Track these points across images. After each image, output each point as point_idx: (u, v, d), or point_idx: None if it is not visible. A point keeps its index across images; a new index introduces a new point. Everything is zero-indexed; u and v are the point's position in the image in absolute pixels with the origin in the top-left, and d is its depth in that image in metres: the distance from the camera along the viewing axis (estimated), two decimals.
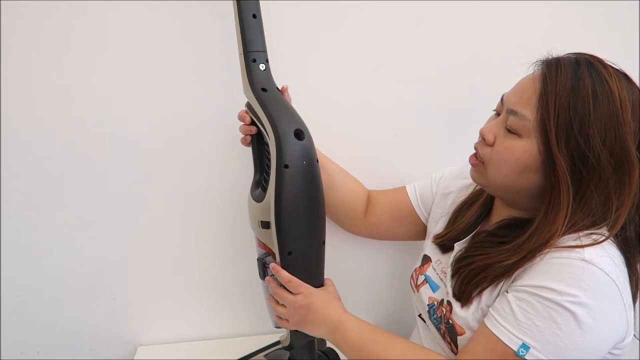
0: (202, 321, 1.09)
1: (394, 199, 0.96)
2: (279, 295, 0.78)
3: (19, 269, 0.99)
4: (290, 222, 0.73)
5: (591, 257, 0.61)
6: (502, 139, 0.68)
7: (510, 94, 0.70)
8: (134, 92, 0.92)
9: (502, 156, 0.68)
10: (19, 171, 0.93)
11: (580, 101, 0.62)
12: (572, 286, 0.59)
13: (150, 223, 1.00)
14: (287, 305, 0.77)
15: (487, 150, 0.70)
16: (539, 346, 0.60)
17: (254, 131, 0.81)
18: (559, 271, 0.61)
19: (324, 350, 0.96)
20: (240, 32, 0.76)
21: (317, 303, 0.76)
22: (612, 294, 0.61)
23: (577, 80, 0.62)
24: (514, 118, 0.66)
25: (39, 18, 0.86)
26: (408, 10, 0.95)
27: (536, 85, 0.65)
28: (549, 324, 0.60)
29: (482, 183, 0.74)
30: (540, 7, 0.98)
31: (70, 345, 1.06)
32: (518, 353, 0.60)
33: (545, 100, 0.63)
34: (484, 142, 0.71)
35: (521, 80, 0.70)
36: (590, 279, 0.60)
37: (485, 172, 0.71)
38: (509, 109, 0.68)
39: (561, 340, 0.59)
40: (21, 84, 0.89)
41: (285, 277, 0.76)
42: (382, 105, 1.00)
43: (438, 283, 0.82)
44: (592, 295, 0.59)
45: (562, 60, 0.65)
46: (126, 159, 0.96)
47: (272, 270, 0.77)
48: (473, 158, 0.73)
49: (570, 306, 0.59)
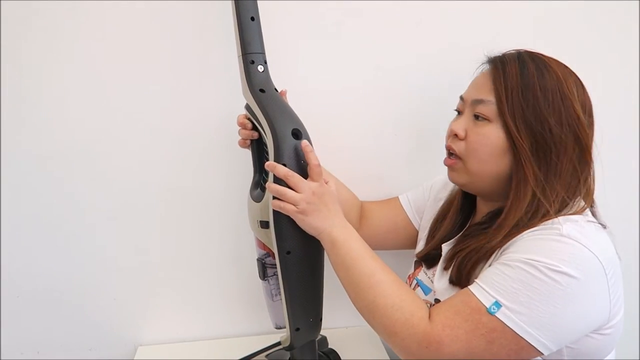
0: (202, 321, 1.09)
1: (389, 212, 0.97)
2: (293, 180, 0.71)
3: (19, 269, 0.99)
4: (289, 221, 0.73)
5: (568, 232, 0.63)
6: (473, 129, 0.73)
7: (469, 90, 0.76)
8: (133, 92, 0.93)
9: (479, 143, 0.71)
10: (19, 171, 0.94)
11: (528, 82, 0.68)
12: (551, 257, 0.61)
13: (150, 223, 1.00)
14: (302, 190, 0.70)
15: (461, 144, 0.74)
16: (511, 306, 0.60)
17: (255, 136, 0.81)
18: (539, 245, 0.64)
19: (325, 351, 0.96)
20: (238, 34, 0.76)
21: (330, 198, 0.73)
22: (592, 267, 0.61)
23: (523, 66, 0.69)
24: (482, 106, 0.71)
25: (39, 18, 0.86)
26: (408, 10, 0.95)
27: (488, 77, 0.72)
28: (525, 287, 0.60)
29: (463, 181, 0.75)
30: (541, 9, 0.98)
31: (70, 345, 1.06)
32: (489, 310, 0.61)
33: (498, 86, 0.70)
34: (456, 138, 0.74)
35: (475, 78, 0.76)
36: (570, 251, 0.61)
37: (465, 166, 0.74)
38: (474, 99, 0.73)
39: (534, 304, 0.60)
40: (21, 84, 0.89)
41: (282, 171, 0.71)
42: (382, 105, 1.00)
43: (429, 286, 0.82)
44: (571, 266, 0.60)
45: (506, 55, 0.73)
46: (126, 159, 0.96)
47: (268, 167, 0.73)
48: (448, 159, 0.76)
49: (549, 272, 0.60)
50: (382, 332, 0.68)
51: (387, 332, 0.66)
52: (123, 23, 0.89)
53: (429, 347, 0.63)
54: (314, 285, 0.80)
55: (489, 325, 0.61)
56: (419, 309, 0.66)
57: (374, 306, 0.67)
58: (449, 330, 0.62)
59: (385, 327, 0.66)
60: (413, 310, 0.65)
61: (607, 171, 0.75)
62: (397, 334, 0.65)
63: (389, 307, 0.66)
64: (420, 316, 0.65)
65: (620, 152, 0.99)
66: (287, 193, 0.70)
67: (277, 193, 0.71)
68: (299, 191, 0.70)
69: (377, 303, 0.67)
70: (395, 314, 0.65)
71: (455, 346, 0.62)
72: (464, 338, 0.62)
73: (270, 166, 0.72)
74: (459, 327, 0.62)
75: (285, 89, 0.84)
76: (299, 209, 0.70)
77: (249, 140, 0.82)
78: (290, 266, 0.76)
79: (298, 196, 0.70)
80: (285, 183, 0.71)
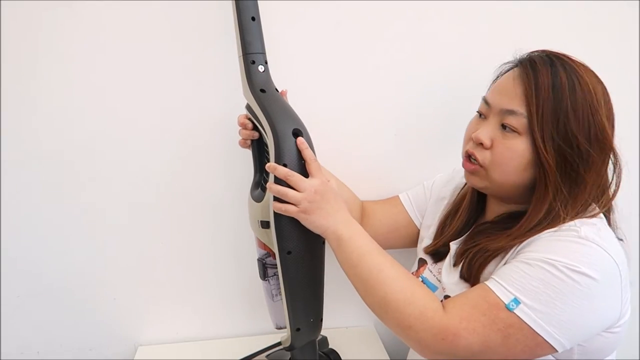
0: (202, 321, 1.09)
1: (390, 212, 0.96)
2: (293, 179, 0.70)
3: (19, 269, 0.99)
4: (289, 221, 0.73)
5: (586, 234, 0.64)
6: (501, 140, 0.70)
7: (496, 95, 0.72)
8: (133, 92, 0.92)
9: (506, 157, 0.69)
10: (19, 171, 0.94)
11: (561, 97, 0.66)
12: (570, 258, 0.61)
13: (151, 223, 1.00)
14: (304, 189, 0.70)
15: (486, 153, 0.71)
16: (530, 303, 0.61)
17: (255, 136, 0.81)
18: (558, 246, 0.64)
19: (325, 351, 0.96)
20: (239, 34, 0.76)
21: (332, 195, 0.73)
22: (609, 269, 0.62)
23: (555, 76, 0.66)
24: (512, 117, 0.68)
25: (39, 18, 0.86)
26: (408, 10, 0.95)
27: (519, 85, 0.69)
28: (544, 285, 0.61)
29: (483, 185, 0.74)
30: (540, 9, 0.98)
31: (70, 345, 1.06)
32: (508, 306, 0.61)
33: (529, 99, 0.67)
34: (479, 145, 0.72)
35: (502, 81, 0.73)
36: (588, 253, 0.62)
37: (487, 174, 0.72)
38: (504, 109, 0.69)
39: (553, 303, 0.60)
40: (21, 84, 0.89)
41: (282, 172, 0.70)
42: (382, 105, 1.00)
43: (435, 284, 0.82)
44: (590, 267, 0.60)
45: (536, 60, 0.69)
46: (126, 159, 0.96)
47: (269, 169, 0.72)
48: (469, 164, 0.74)
49: (569, 272, 0.60)
50: (395, 327, 0.67)
51: (401, 327, 0.66)
52: (123, 23, 0.89)
53: (445, 339, 0.62)
54: (315, 285, 0.80)
55: (507, 321, 0.61)
56: (432, 302, 0.65)
57: (386, 302, 0.66)
58: (466, 323, 0.62)
59: (399, 321, 0.66)
60: (426, 303, 0.65)
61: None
62: (411, 327, 0.64)
63: (401, 302, 0.65)
64: (434, 308, 0.64)
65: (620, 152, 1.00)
66: (288, 193, 0.70)
67: (278, 193, 0.71)
68: (300, 190, 0.70)
69: (388, 298, 0.66)
70: (408, 308, 0.65)
71: (472, 339, 0.62)
72: (481, 331, 0.62)
73: (271, 167, 0.72)
74: (476, 321, 0.62)
75: (285, 89, 0.84)
76: (301, 208, 0.70)
77: (250, 140, 0.82)
78: (291, 266, 0.76)
79: (300, 195, 0.70)
80: (286, 184, 0.71)
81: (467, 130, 0.76)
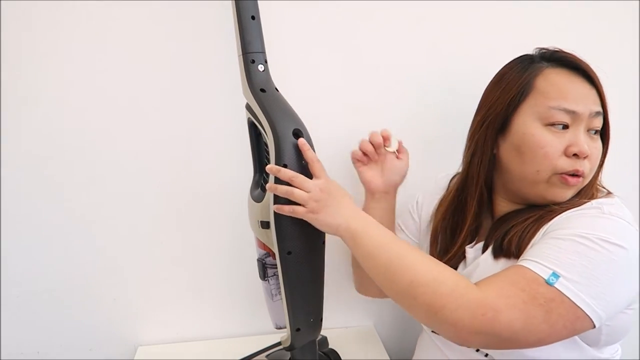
0: (202, 321, 1.09)
1: None
2: (297, 181, 0.70)
3: (19, 269, 0.99)
4: (289, 221, 0.73)
5: (610, 210, 0.66)
6: (593, 144, 0.71)
7: (580, 101, 0.70)
8: (133, 92, 0.92)
9: (596, 159, 0.72)
10: (19, 171, 0.93)
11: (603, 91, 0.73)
12: (600, 231, 0.62)
13: (150, 223, 1.00)
14: (309, 189, 0.69)
15: (586, 163, 0.71)
16: (569, 276, 0.60)
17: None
18: (586, 221, 0.65)
19: (325, 351, 0.96)
20: (239, 33, 0.76)
21: (338, 192, 0.72)
22: (636, 241, 0.63)
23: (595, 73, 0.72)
24: (599, 118, 0.72)
25: (39, 18, 0.86)
26: (408, 10, 0.95)
27: (589, 86, 0.71)
28: (580, 257, 0.60)
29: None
30: (541, 9, 0.98)
31: (70, 345, 1.06)
32: (548, 280, 0.59)
33: (603, 95, 0.72)
34: (578, 157, 0.70)
35: (570, 87, 0.71)
36: (615, 225, 0.64)
37: (583, 182, 0.72)
38: (595, 111, 0.71)
39: (590, 274, 0.59)
40: (21, 84, 0.89)
41: (287, 174, 0.70)
42: (382, 105, 1.00)
43: None
44: (620, 238, 0.61)
45: (571, 57, 0.72)
46: (126, 159, 0.96)
47: (270, 171, 0.72)
48: (574, 179, 0.70)
49: (603, 243, 0.61)
50: (427, 311, 0.63)
51: (434, 309, 0.61)
52: (123, 23, 0.89)
53: (485, 314, 0.59)
54: (315, 285, 0.80)
55: (547, 296, 0.59)
56: (461, 279, 0.63)
57: (413, 287, 0.63)
58: (505, 299, 0.59)
59: (430, 304, 0.62)
60: (457, 280, 0.62)
61: (607, 171, 0.75)
62: (445, 306, 0.60)
63: (431, 283, 0.62)
64: (466, 285, 0.62)
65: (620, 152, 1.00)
66: (295, 192, 0.69)
67: (285, 194, 0.70)
68: (305, 191, 0.70)
69: (416, 282, 0.63)
70: (440, 287, 0.62)
71: (513, 314, 0.59)
72: (522, 307, 0.59)
73: (273, 170, 0.71)
74: (516, 296, 0.59)
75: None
76: (309, 208, 0.69)
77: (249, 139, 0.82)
78: (291, 266, 0.76)
79: (306, 195, 0.69)
80: (289, 185, 0.70)
81: (549, 147, 0.70)
